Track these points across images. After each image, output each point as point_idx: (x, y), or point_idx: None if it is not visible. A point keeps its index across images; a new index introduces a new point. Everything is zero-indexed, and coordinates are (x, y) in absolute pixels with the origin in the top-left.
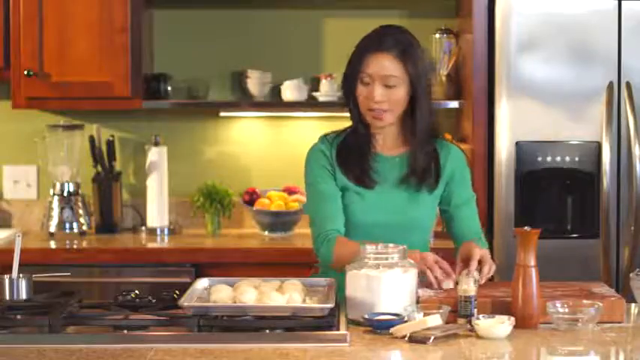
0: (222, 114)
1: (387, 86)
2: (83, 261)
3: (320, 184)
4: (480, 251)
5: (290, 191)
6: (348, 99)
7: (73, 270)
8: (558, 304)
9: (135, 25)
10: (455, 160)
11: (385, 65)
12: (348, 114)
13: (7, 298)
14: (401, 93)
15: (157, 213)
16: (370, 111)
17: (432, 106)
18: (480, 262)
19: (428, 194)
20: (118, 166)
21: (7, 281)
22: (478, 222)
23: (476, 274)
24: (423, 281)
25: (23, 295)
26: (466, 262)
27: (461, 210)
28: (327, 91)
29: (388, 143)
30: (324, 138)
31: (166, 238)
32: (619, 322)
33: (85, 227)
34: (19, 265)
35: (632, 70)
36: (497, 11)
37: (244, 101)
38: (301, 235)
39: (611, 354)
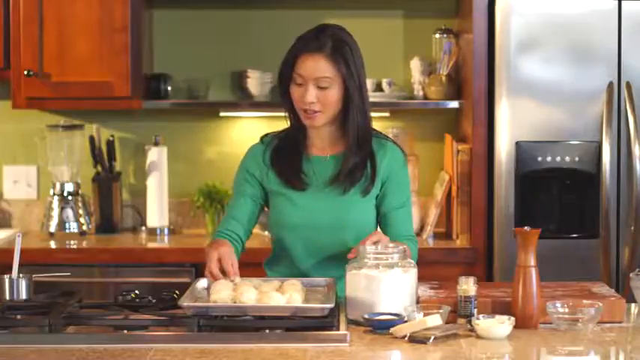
0: (222, 114)
1: (319, 87)
2: (83, 261)
3: (240, 185)
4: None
5: None
6: (284, 99)
7: (73, 270)
8: (558, 304)
9: (135, 25)
10: (391, 161)
11: (317, 66)
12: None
13: (7, 297)
14: (334, 94)
15: (157, 213)
16: (304, 112)
17: (365, 106)
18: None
19: (360, 195)
20: (118, 166)
21: (7, 281)
22: (411, 223)
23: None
24: None
25: (23, 295)
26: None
27: (396, 213)
28: None
29: (322, 144)
30: (262, 138)
31: (166, 238)
32: (619, 322)
33: (85, 227)
34: (19, 265)
35: (632, 70)
36: (497, 11)
37: (244, 101)
38: None
39: (611, 354)
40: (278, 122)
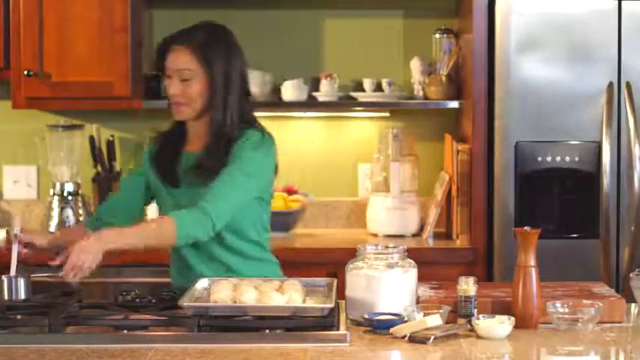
0: None
1: (183, 80)
2: None
3: (124, 178)
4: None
5: (290, 191)
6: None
7: None
8: (558, 304)
9: (135, 25)
10: (241, 142)
11: (180, 59)
12: (347, 114)
13: (6, 297)
14: (196, 87)
15: (157, 213)
16: (170, 104)
17: (229, 102)
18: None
19: None
20: (118, 166)
21: (5, 281)
22: (217, 196)
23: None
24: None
25: (22, 295)
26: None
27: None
28: (327, 91)
29: (195, 139)
30: (153, 137)
31: None
32: (619, 322)
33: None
34: (18, 263)
35: (632, 70)
36: (497, 11)
37: None
38: (301, 235)
39: (611, 354)
40: (278, 122)
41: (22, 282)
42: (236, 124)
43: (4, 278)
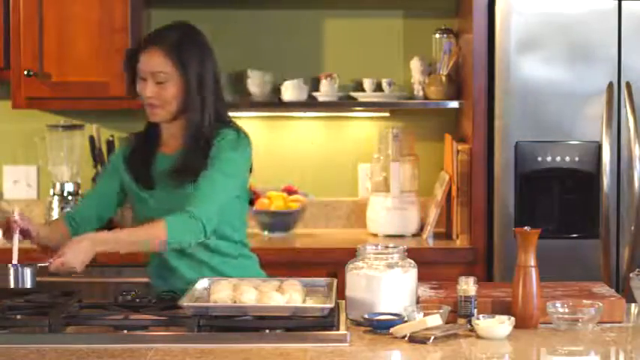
0: None
1: (157, 82)
2: None
3: (99, 178)
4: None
5: (289, 191)
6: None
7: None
8: (558, 304)
9: (135, 25)
10: (218, 142)
11: (153, 61)
12: (347, 114)
13: (12, 286)
14: (171, 89)
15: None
16: (146, 106)
17: (205, 104)
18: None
19: None
20: None
21: (11, 269)
22: (201, 193)
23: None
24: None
25: (28, 284)
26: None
27: (194, 187)
28: (327, 91)
29: (172, 141)
30: (126, 138)
31: None
32: (619, 322)
33: None
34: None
35: (632, 70)
36: (497, 11)
37: (244, 101)
38: (301, 235)
39: (611, 354)
40: (278, 122)
41: (27, 271)
42: (213, 124)
43: (10, 267)
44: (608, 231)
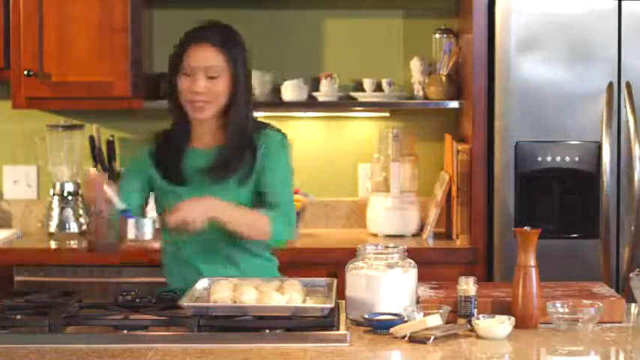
0: None
1: (209, 77)
2: (83, 261)
3: (121, 181)
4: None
5: None
6: (169, 94)
7: (73, 270)
8: (558, 304)
9: (135, 25)
10: (269, 142)
11: (207, 55)
12: (347, 114)
13: (132, 237)
14: (223, 84)
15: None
16: (191, 103)
17: (249, 99)
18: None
19: (239, 186)
20: (118, 166)
21: (131, 221)
22: (285, 201)
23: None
24: None
25: (147, 235)
26: None
27: (270, 190)
28: (327, 91)
29: (206, 136)
30: (151, 135)
31: None
32: (619, 322)
33: (84, 227)
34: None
35: (632, 70)
36: (497, 11)
37: None
38: (301, 235)
39: (611, 354)
40: (278, 122)
41: (147, 222)
42: (253, 121)
43: (131, 220)
44: (608, 231)
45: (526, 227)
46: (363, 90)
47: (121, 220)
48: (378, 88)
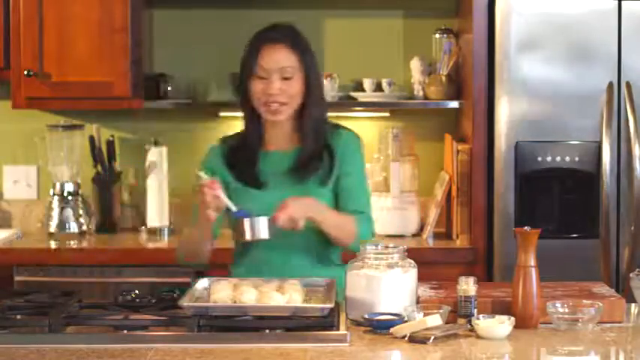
0: (221, 114)
1: (284, 78)
2: (83, 261)
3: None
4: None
5: None
6: (241, 98)
7: (73, 270)
8: (558, 304)
9: (135, 25)
10: (345, 146)
11: (281, 56)
12: (347, 114)
13: (248, 237)
14: (297, 85)
15: (157, 213)
16: (266, 105)
17: (323, 98)
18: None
19: (319, 185)
20: (117, 166)
21: (247, 221)
22: (365, 201)
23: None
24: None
25: (264, 235)
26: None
27: (348, 190)
28: (327, 91)
29: (281, 139)
30: (221, 139)
31: (166, 238)
32: (619, 322)
33: (84, 227)
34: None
35: (632, 70)
36: (497, 11)
37: None
38: None
39: (611, 354)
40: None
41: (263, 221)
42: (327, 121)
43: (246, 220)
44: (608, 231)
45: (526, 227)
46: (363, 90)
47: (238, 221)
48: (378, 88)
